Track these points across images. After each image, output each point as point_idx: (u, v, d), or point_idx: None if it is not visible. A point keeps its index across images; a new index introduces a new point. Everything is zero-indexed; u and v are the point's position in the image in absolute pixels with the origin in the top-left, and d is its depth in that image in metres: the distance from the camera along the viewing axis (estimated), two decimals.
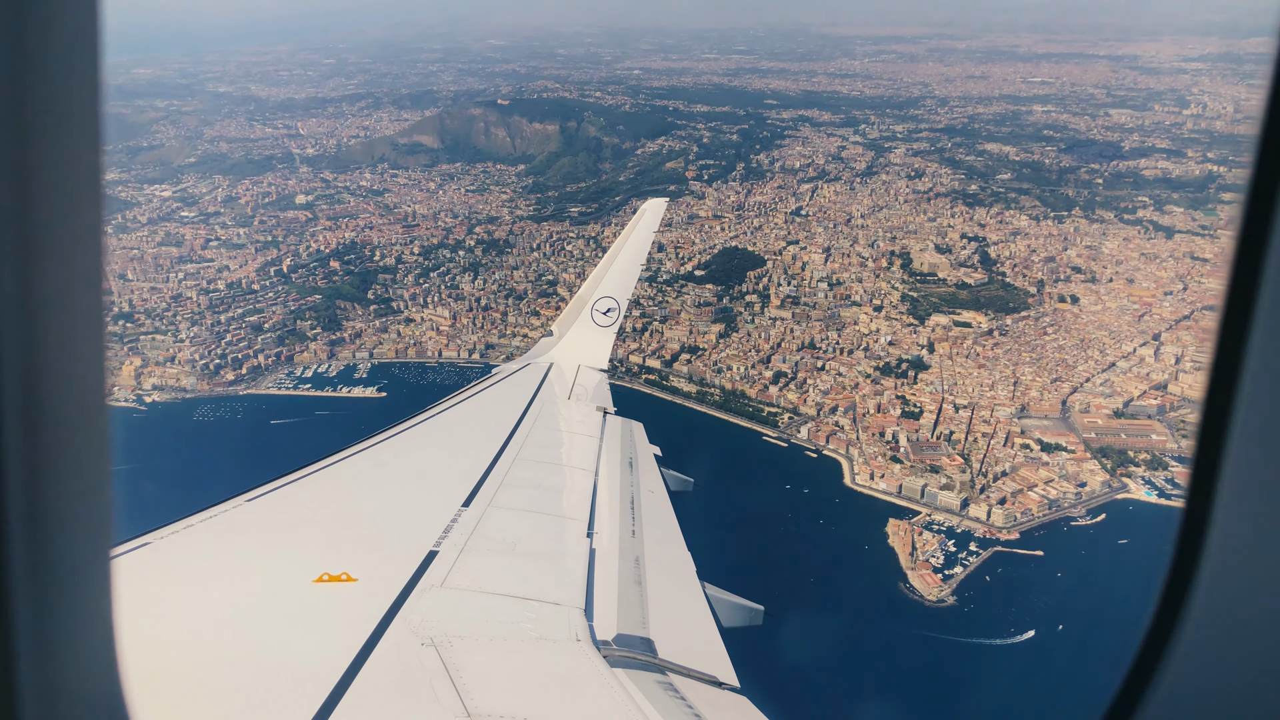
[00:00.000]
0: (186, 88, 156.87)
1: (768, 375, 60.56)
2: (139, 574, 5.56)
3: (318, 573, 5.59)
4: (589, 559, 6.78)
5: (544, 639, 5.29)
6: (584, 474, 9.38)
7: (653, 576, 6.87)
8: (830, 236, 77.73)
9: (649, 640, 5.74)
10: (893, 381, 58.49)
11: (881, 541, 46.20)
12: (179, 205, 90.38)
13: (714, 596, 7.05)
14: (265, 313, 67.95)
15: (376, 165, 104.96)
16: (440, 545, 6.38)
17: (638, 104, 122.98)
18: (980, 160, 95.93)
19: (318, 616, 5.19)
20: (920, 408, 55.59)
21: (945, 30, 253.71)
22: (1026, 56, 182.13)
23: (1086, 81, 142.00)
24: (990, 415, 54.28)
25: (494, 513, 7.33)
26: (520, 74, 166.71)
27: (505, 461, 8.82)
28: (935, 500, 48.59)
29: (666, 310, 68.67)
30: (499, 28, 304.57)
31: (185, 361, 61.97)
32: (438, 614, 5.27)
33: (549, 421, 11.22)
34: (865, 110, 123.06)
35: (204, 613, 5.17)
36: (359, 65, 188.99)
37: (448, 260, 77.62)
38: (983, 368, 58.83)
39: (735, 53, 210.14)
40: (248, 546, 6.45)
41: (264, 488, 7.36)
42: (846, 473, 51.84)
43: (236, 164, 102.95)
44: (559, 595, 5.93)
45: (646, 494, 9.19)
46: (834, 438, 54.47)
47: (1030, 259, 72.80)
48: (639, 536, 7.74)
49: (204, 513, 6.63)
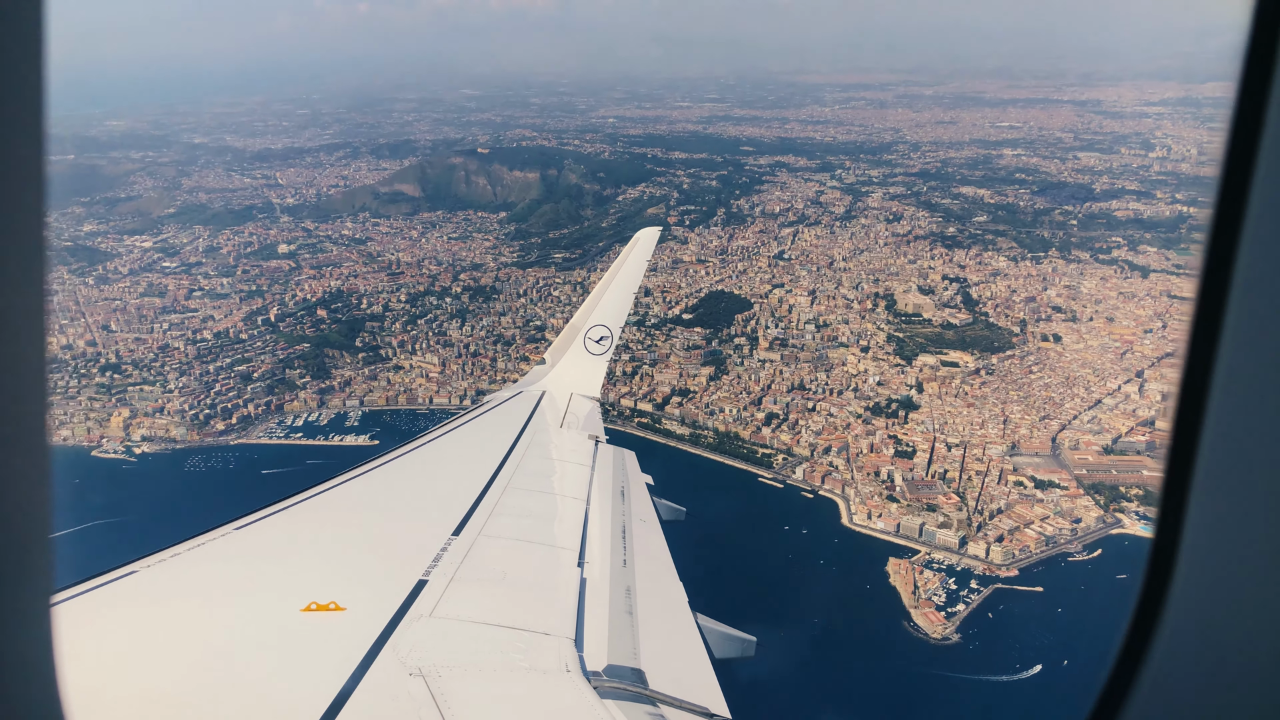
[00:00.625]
0: (161, 139, 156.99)
1: (760, 417, 60.90)
2: (125, 601, 5.58)
3: (306, 601, 5.54)
4: (580, 589, 6.73)
5: (534, 669, 5.27)
6: (575, 503, 9.31)
7: (644, 606, 6.82)
8: (814, 279, 78.64)
9: (640, 671, 5.69)
10: (884, 421, 59.00)
11: (883, 580, 46.37)
12: (160, 256, 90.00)
13: (706, 627, 7.02)
14: (254, 362, 67.57)
15: (358, 214, 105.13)
16: (430, 574, 6.35)
17: (616, 151, 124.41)
18: (956, 203, 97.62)
19: (305, 646, 5.13)
20: (913, 447, 56.07)
21: (912, 78, 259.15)
22: (993, 102, 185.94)
23: (1053, 126, 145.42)
24: (982, 453, 54.86)
25: (485, 541, 7.29)
26: (496, 123, 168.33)
27: (496, 490, 8.81)
28: (934, 539, 48.89)
29: (656, 353, 69.01)
30: (472, 77, 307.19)
31: (174, 412, 61.41)
32: (426, 644, 5.23)
33: (541, 450, 11.19)
34: (840, 156, 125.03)
35: (190, 641, 5.14)
36: (334, 115, 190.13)
37: (435, 307, 77.71)
38: (972, 406, 59.51)
39: (707, 100, 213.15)
40: (235, 575, 6.42)
41: (252, 516, 7.32)
42: (844, 512, 52.09)
43: (217, 214, 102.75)
44: (549, 625, 5.90)
45: (638, 523, 9.16)
46: (829, 478, 54.75)
47: (1011, 299, 73.96)
48: (630, 566, 7.72)
49: (191, 541, 6.59)
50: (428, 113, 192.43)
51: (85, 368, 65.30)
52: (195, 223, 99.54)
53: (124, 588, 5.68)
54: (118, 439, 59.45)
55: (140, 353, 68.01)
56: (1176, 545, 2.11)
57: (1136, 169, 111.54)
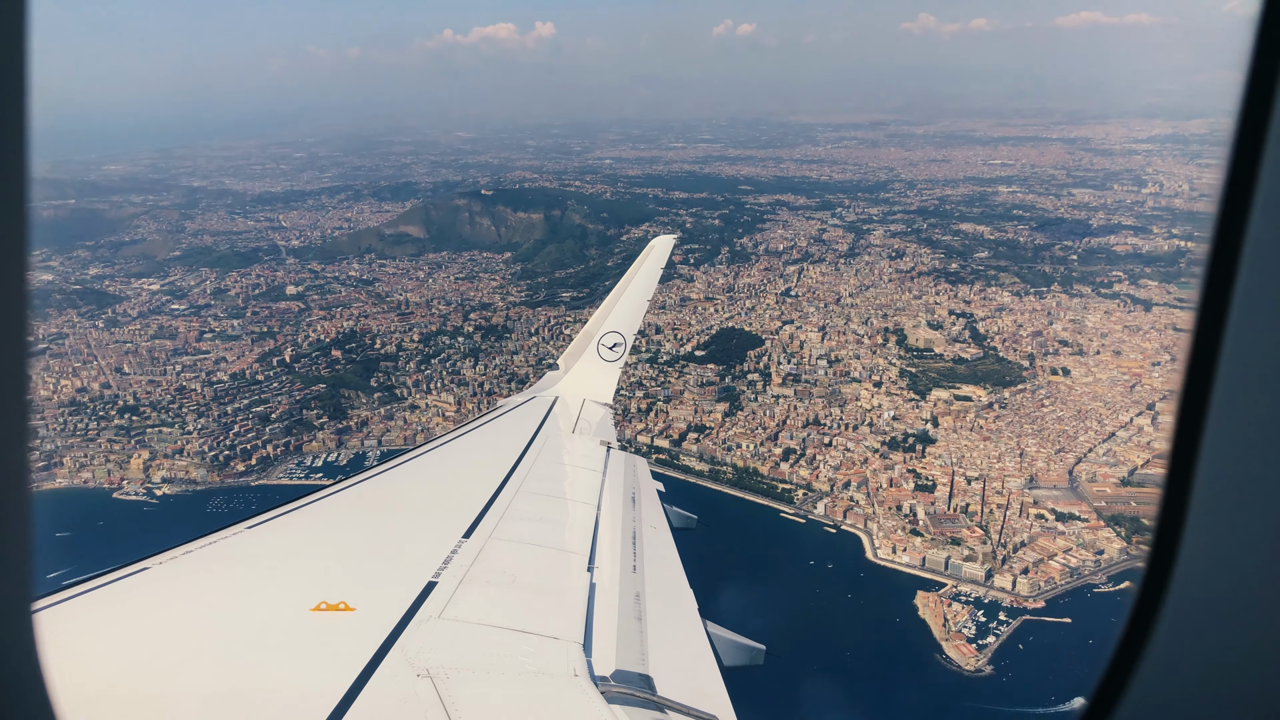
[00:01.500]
0: (161, 182, 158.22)
1: (777, 452, 61.28)
2: (138, 596, 5.65)
3: (316, 601, 5.57)
4: (589, 593, 6.71)
5: (541, 673, 5.25)
6: (586, 508, 9.29)
7: (653, 612, 6.78)
8: (823, 315, 79.41)
9: (648, 677, 5.65)
10: (902, 455, 59.42)
11: (912, 614, 46.61)
12: (168, 298, 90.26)
13: (715, 635, 6.96)
14: (271, 403, 67.70)
15: (364, 255, 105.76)
16: (440, 576, 6.36)
17: (618, 192, 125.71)
18: (957, 240, 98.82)
19: (314, 645, 5.15)
20: (933, 481, 56.47)
21: (901, 117, 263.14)
22: (984, 140, 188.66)
23: (1045, 163, 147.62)
24: (1001, 486, 55.30)
25: (495, 545, 7.30)
26: (494, 165, 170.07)
27: (507, 493, 8.82)
28: (959, 572, 49.18)
29: (670, 390, 69.47)
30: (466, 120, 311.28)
31: (194, 453, 61.44)
32: (435, 645, 5.25)
33: (553, 455, 11.18)
34: (838, 194, 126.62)
35: (200, 637, 5.18)
36: (331, 158, 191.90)
37: (447, 346, 78.13)
38: (988, 440, 60.03)
39: (701, 141, 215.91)
40: (247, 573, 6.44)
41: (265, 515, 7.37)
42: (867, 547, 52.37)
43: (223, 256, 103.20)
44: (558, 629, 5.87)
45: (649, 529, 9.10)
46: (851, 512, 55.07)
47: (1018, 333, 74.75)
48: (640, 572, 7.67)
49: (204, 539, 6.67)
50: (425, 155, 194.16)
51: (103, 410, 65.39)
52: (201, 265, 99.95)
53: (137, 583, 5.75)
54: (138, 481, 59.44)
55: (157, 395, 68.09)
56: (1175, 549, 2.16)
57: (1131, 205, 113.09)
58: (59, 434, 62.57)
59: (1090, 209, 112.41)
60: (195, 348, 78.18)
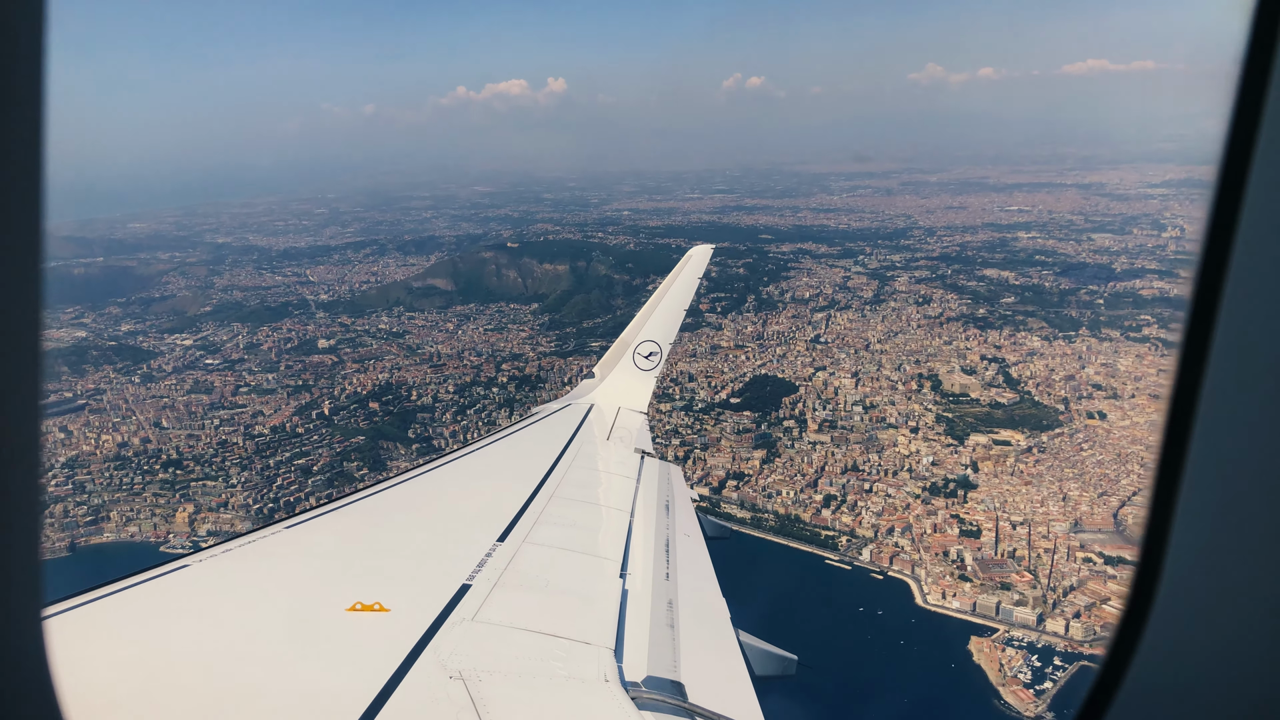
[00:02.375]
0: (186, 239, 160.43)
1: (818, 499, 61.33)
2: (177, 593, 5.73)
3: (351, 601, 5.63)
4: (621, 599, 6.73)
5: (572, 677, 5.28)
6: (619, 514, 9.31)
7: (685, 620, 6.80)
8: (854, 361, 79.76)
9: (679, 684, 5.66)
10: (943, 501, 59.37)
11: (966, 659, 46.37)
12: (202, 353, 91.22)
13: (747, 644, 7.00)
14: (312, 455, 68.19)
15: (392, 309, 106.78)
16: (473, 579, 6.42)
17: (640, 243, 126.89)
18: (982, 285, 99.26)
19: (348, 645, 5.20)
20: (977, 526, 56.37)
21: (913, 165, 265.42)
22: (998, 187, 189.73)
23: (1062, 209, 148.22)
24: (1047, 531, 55.17)
25: (528, 549, 7.35)
26: (514, 218, 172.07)
27: (541, 499, 8.86)
28: (1011, 616, 48.96)
29: (706, 438, 69.72)
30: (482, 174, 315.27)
31: (238, 506, 61.90)
32: (467, 647, 5.30)
33: (587, 461, 11.23)
34: (859, 241, 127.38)
35: (236, 634, 5.25)
36: (353, 214, 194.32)
37: (482, 397, 78.72)
38: (1030, 484, 59.96)
39: (716, 192, 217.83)
40: (284, 571, 6.52)
41: (303, 515, 7.47)
42: (916, 593, 52.22)
43: (253, 311, 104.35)
44: (589, 634, 5.90)
45: (682, 538, 9.12)
46: (897, 559, 54.94)
47: (1050, 378, 74.86)
48: (673, 580, 7.70)
49: (243, 538, 6.74)
50: (445, 209, 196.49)
51: (147, 464, 65.98)
52: (233, 320, 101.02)
53: (177, 580, 5.85)
54: (184, 534, 59.75)
55: (199, 448, 68.73)
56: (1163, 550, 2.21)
57: (1153, 249, 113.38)
58: (105, 488, 63.10)
59: (1112, 253, 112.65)
60: (232, 401, 78.89)
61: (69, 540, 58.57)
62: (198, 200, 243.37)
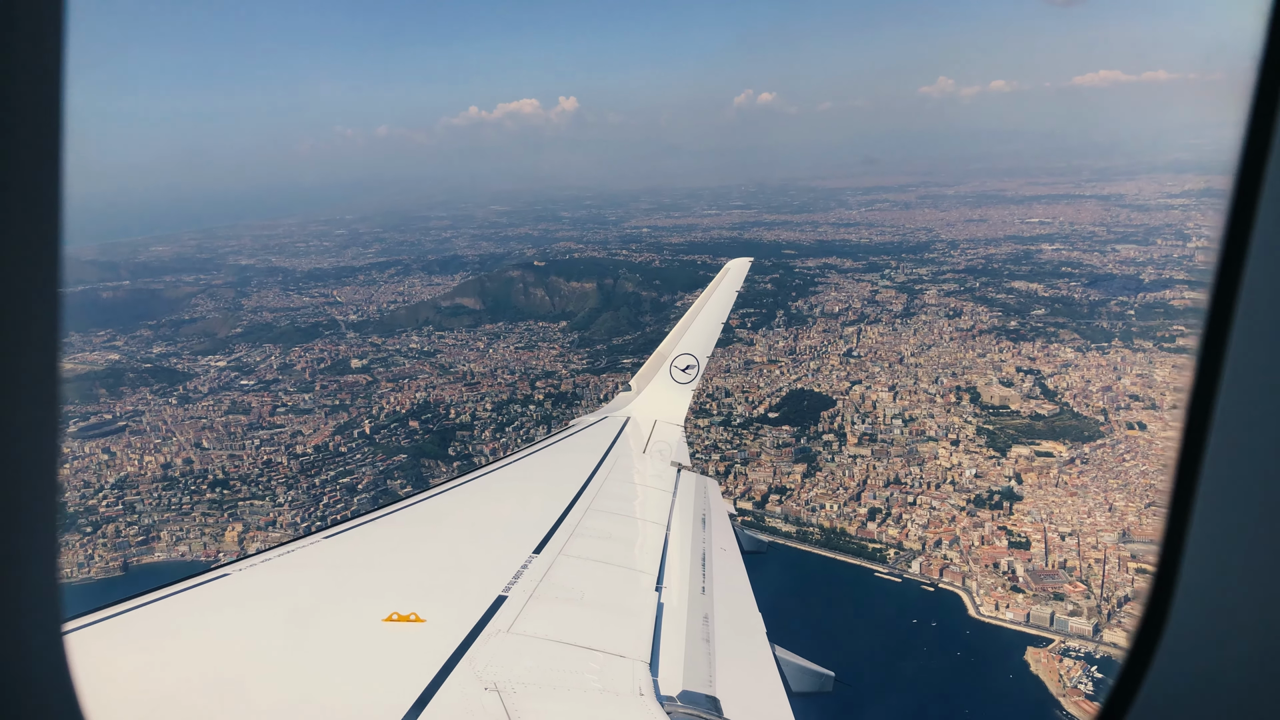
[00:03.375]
0: (209, 262, 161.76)
1: (862, 512, 61.41)
2: (217, 601, 5.87)
3: (388, 611, 5.69)
4: (657, 613, 6.72)
5: (607, 691, 5.25)
6: (656, 528, 9.32)
7: (721, 635, 6.79)
8: (890, 375, 79.93)
9: (714, 699, 5.65)
10: (989, 513, 59.38)
11: (1024, 670, 46.31)
12: (236, 374, 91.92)
13: (783, 659, 7.00)
14: (356, 474, 68.69)
15: (422, 328, 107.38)
16: (509, 590, 6.44)
17: (665, 259, 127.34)
18: (1011, 297, 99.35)
19: (384, 655, 5.24)
20: (1025, 538, 56.34)
21: (929, 179, 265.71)
22: (1017, 199, 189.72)
23: (1083, 220, 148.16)
24: (1096, 542, 55.13)
25: (564, 561, 7.37)
26: (534, 236, 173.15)
27: (578, 511, 8.87)
28: (1066, 627, 48.90)
29: (746, 452, 69.92)
30: (497, 194, 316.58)
31: (286, 525, 62.34)
32: (503, 659, 5.30)
33: (623, 474, 11.23)
34: (882, 255, 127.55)
35: (274, 642, 5.36)
36: (373, 234, 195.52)
37: (520, 415, 79.12)
38: (1075, 495, 59.91)
39: (734, 208, 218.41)
40: (322, 581, 6.61)
41: (342, 526, 7.68)
42: (969, 604, 52.21)
43: (284, 332, 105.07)
44: (625, 647, 5.88)
45: (718, 552, 9.12)
46: (947, 570, 54.99)
47: (1087, 389, 74.85)
48: (709, 594, 7.70)
49: (282, 547, 6.97)
50: (463, 229, 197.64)
51: (194, 484, 66.53)
52: (264, 341, 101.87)
53: (218, 588, 5.99)
54: (233, 553, 60.19)
55: (244, 468, 69.28)
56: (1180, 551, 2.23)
57: (1179, 259, 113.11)
58: (154, 509, 63.62)
59: (1138, 264, 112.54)
60: (270, 421, 79.45)
61: (121, 560, 59.09)
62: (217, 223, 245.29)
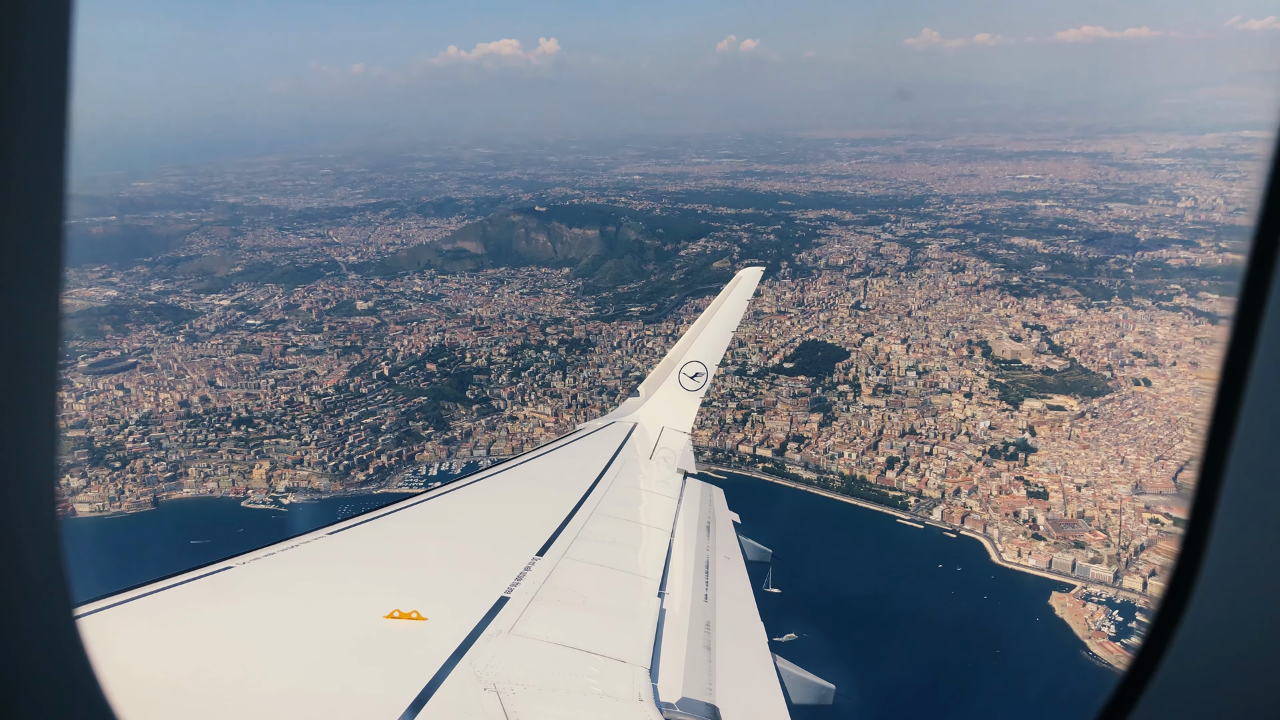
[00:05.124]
0: (197, 199, 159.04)
1: (881, 461, 62.88)
2: (218, 594, 5.88)
3: (389, 609, 5.69)
4: (658, 619, 6.69)
5: (606, 695, 5.25)
6: (660, 534, 9.27)
7: (722, 643, 6.77)
8: (900, 328, 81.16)
9: (714, 707, 5.65)
10: (1005, 464, 61.04)
11: (1049, 614, 48.20)
12: (241, 314, 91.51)
13: (784, 671, 6.95)
14: (378, 415, 69.24)
15: (423, 271, 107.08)
16: (512, 592, 6.44)
17: (665, 208, 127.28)
18: (1012, 254, 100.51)
19: (385, 652, 5.22)
20: (1043, 488, 58.08)
21: (916, 131, 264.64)
22: (1005, 155, 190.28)
23: (1073, 177, 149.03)
24: (1112, 493, 56.94)
25: (567, 564, 7.38)
26: (524, 181, 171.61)
27: (582, 515, 8.89)
28: (1087, 574, 50.76)
29: (762, 401, 71.09)
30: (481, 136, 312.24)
31: (314, 464, 62.90)
32: (503, 660, 5.30)
33: (629, 480, 11.24)
34: (880, 209, 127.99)
35: (274, 637, 5.38)
36: (359, 174, 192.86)
37: (534, 360, 79.72)
38: (1087, 448, 61.67)
39: (723, 157, 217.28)
40: (325, 577, 6.66)
41: (347, 522, 7.66)
42: (991, 551, 53.98)
43: (285, 272, 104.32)
44: (625, 652, 5.87)
45: (722, 560, 9.15)
46: (968, 519, 56.74)
47: (1092, 345, 76.49)
48: (711, 601, 7.69)
49: (287, 542, 6.92)
50: (450, 171, 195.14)
51: (219, 422, 66.81)
52: (265, 281, 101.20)
53: (219, 581, 5.99)
54: (262, 490, 60.88)
55: (267, 407, 69.60)
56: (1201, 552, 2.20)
57: (1171, 219, 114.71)
58: (180, 445, 63.92)
59: (1132, 223, 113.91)
60: (282, 361, 79.53)
61: (151, 495, 59.46)
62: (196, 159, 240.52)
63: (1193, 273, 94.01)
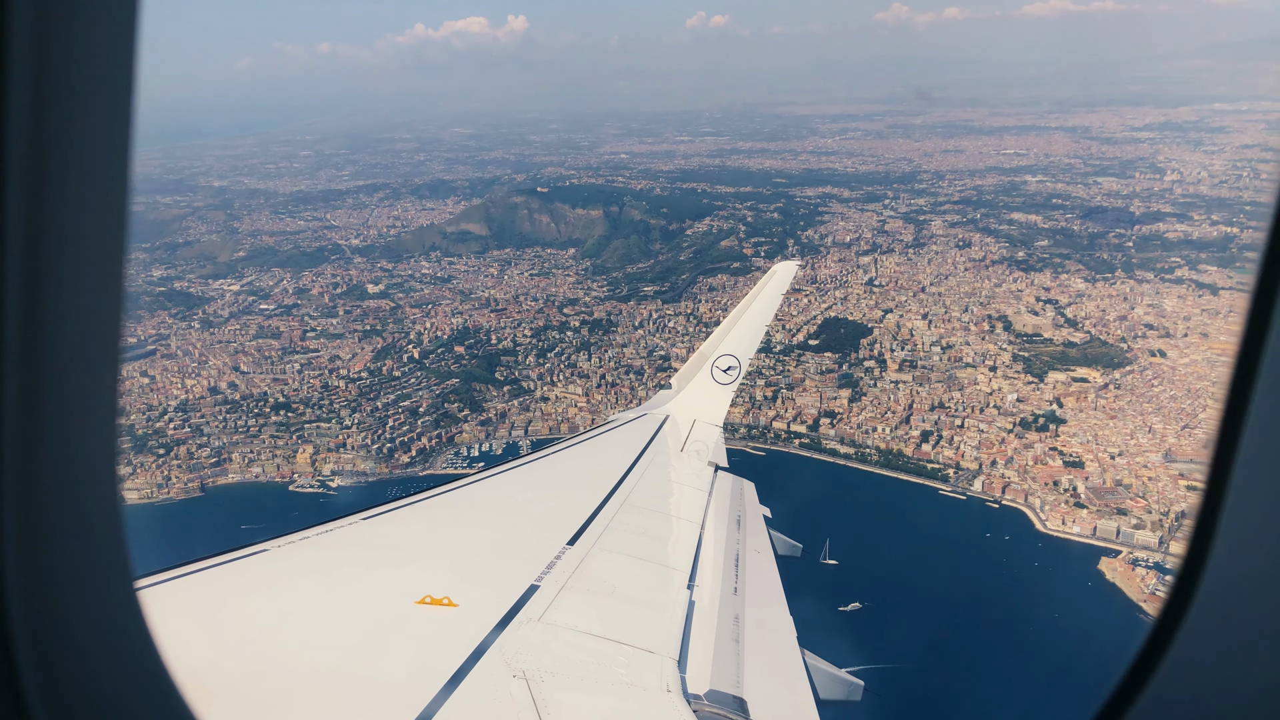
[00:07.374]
0: (181, 183, 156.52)
1: (915, 435, 64.29)
2: (254, 577, 5.94)
3: (421, 594, 5.70)
4: (687, 610, 6.73)
5: (635, 685, 5.27)
6: (690, 526, 9.33)
7: (751, 636, 6.77)
8: (916, 304, 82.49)
9: (742, 700, 5.66)
10: (1036, 435, 62.64)
11: (1100, 578, 49.91)
12: (253, 299, 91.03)
13: (813, 666, 6.96)
14: (414, 397, 69.63)
15: (429, 253, 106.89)
16: (542, 580, 6.46)
17: (666, 188, 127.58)
18: (1014, 229, 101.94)
19: (416, 637, 5.28)
20: (1077, 457, 59.74)
21: (894, 107, 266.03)
22: (986, 130, 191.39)
23: (1057, 152, 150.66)
24: (1145, 461, 58.66)
25: (597, 554, 7.38)
26: (511, 161, 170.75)
27: (613, 506, 8.90)
28: (1132, 539, 52.45)
29: (790, 378, 72.23)
30: (458, 115, 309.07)
31: (357, 446, 63.24)
32: (532, 648, 5.31)
33: (660, 471, 11.29)
34: (874, 186, 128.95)
35: (308, 620, 5.44)
36: (341, 156, 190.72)
37: (559, 341, 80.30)
38: (1115, 418, 63.40)
39: (705, 135, 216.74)
40: (358, 562, 6.69)
41: (380, 508, 7.70)
42: (1035, 520, 55.58)
43: (291, 256, 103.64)
44: (654, 643, 5.88)
45: (752, 553, 9.14)
46: (1009, 489, 58.29)
47: (1104, 318, 78.24)
48: (741, 594, 7.70)
49: (321, 526, 6.95)
50: (433, 151, 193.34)
51: (258, 407, 66.86)
52: (271, 265, 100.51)
53: (256, 563, 6.04)
54: (308, 474, 61.23)
55: (303, 392, 69.69)
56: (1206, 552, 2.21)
57: (1160, 192, 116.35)
58: (222, 431, 63.98)
59: (1124, 197, 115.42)
60: (303, 346, 79.47)
61: (199, 481, 59.61)
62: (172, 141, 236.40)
63: (1190, 245, 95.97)
